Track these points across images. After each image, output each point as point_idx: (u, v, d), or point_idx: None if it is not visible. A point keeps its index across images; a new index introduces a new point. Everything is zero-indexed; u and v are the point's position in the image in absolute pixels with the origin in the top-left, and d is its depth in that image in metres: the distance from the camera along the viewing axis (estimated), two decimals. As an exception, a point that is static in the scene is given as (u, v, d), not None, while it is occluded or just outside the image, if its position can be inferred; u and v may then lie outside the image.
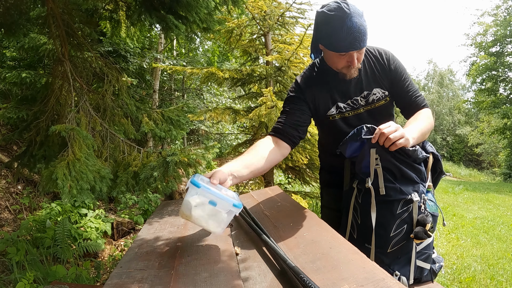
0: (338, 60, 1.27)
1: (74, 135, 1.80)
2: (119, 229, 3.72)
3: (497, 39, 14.11)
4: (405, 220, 1.18)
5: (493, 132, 15.22)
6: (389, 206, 1.18)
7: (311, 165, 3.46)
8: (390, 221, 1.18)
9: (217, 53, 8.17)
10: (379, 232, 1.19)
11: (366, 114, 1.39)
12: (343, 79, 1.35)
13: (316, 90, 1.38)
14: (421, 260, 1.24)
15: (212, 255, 1.08)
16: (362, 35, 1.18)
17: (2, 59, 4.88)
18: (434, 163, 1.31)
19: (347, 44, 1.18)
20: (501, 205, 6.50)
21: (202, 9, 1.97)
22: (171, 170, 1.93)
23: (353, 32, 1.15)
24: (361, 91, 1.38)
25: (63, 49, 2.16)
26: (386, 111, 1.42)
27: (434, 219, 1.23)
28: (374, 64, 1.39)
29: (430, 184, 1.29)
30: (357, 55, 1.25)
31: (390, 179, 1.20)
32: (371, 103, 1.38)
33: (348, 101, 1.38)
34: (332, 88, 1.38)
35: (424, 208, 1.19)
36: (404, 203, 1.17)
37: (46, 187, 1.65)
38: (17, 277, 2.14)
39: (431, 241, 1.26)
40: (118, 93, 2.41)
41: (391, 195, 1.18)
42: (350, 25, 1.15)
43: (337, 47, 1.21)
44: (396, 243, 1.19)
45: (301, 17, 3.60)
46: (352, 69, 1.29)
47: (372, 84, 1.38)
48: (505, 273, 2.89)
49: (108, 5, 2.49)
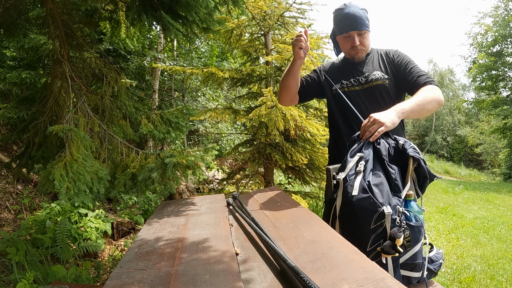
0: (345, 42, 1.64)
1: (72, 136, 1.79)
2: (119, 229, 3.72)
3: (496, 40, 14.11)
4: (380, 235, 1.14)
5: (493, 132, 15.22)
6: (361, 222, 1.15)
7: (311, 165, 3.46)
8: (365, 236, 1.15)
9: (215, 53, 8.16)
10: (357, 245, 1.11)
11: (365, 92, 1.61)
12: (352, 64, 1.67)
13: (329, 71, 1.75)
14: (408, 270, 1.19)
15: (212, 255, 1.08)
16: (358, 19, 1.55)
17: (2, 59, 4.88)
18: (417, 167, 1.26)
19: (347, 25, 1.57)
20: (501, 205, 6.50)
21: (201, 9, 1.97)
22: (169, 172, 1.92)
23: (349, 16, 1.56)
24: (363, 73, 1.64)
25: (62, 50, 2.16)
26: (383, 92, 1.59)
27: (417, 229, 1.17)
28: (382, 58, 1.67)
29: (410, 193, 1.22)
30: (359, 38, 1.59)
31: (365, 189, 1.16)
32: (370, 81, 1.61)
33: (351, 79, 1.65)
34: (342, 70, 1.71)
35: (400, 221, 1.14)
36: (378, 217, 1.13)
37: (44, 188, 1.64)
38: (17, 277, 2.14)
39: (418, 250, 1.20)
40: (117, 94, 2.40)
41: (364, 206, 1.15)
42: (347, 11, 1.56)
43: (341, 30, 1.61)
44: (374, 258, 1.14)
45: (301, 17, 3.60)
46: (356, 50, 1.62)
47: (376, 68, 1.64)
48: (505, 273, 2.89)
49: (108, 6, 2.49)
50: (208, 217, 1.59)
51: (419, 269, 1.21)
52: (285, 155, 3.21)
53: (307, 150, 3.29)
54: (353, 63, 1.67)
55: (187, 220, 1.56)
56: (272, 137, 3.03)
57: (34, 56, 4.32)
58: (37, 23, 2.44)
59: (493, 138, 17.86)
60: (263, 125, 3.06)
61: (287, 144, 3.16)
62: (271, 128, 2.81)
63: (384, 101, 1.58)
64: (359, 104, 1.56)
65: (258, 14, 3.42)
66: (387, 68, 1.62)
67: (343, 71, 1.69)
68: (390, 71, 1.62)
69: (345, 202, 1.20)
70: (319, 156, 3.32)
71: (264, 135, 3.17)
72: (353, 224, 1.19)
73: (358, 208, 1.15)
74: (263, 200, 1.78)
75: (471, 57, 16.12)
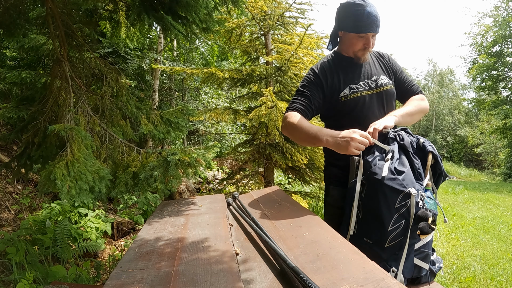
0: (356, 42, 1.50)
1: (73, 135, 1.78)
2: (119, 229, 3.72)
3: (496, 40, 14.11)
4: (403, 214, 1.21)
5: (493, 132, 15.23)
6: (388, 200, 1.22)
7: (311, 165, 3.46)
8: (389, 214, 1.21)
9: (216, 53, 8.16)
10: (377, 226, 1.23)
11: (375, 96, 1.54)
12: (355, 65, 1.56)
13: (331, 75, 1.55)
14: (419, 259, 1.26)
15: (212, 255, 1.08)
16: (378, 21, 1.45)
17: (2, 59, 4.88)
18: (434, 164, 1.35)
19: (367, 25, 1.43)
20: (501, 205, 6.50)
21: (201, 9, 1.96)
22: (171, 169, 1.91)
23: (371, 16, 1.42)
24: (371, 76, 1.56)
25: (62, 50, 2.16)
26: (390, 97, 1.58)
27: (434, 217, 1.25)
28: (378, 59, 1.64)
29: (429, 183, 1.33)
30: (372, 40, 1.48)
31: (393, 172, 1.25)
32: (380, 86, 1.55)
33: (361, 83, 1.54)
34: (345, 72, 1.56)
35: (422, 204, 1.23)
36: (403, 197, 1.21)
37: (45, 187, 1.63)
38: (17, 277, 2.13)
39: (429, 239, 1.29)
40: (117, 95, 2.39)
41: (392, 186, 1.22)
42: (370, 10, 1.42)
43: (359, 28, 1.45)
44: (394, 238, 1.21)
45: (301, 17, 3.60)
46: (367, 53, 1.53)
47: (380, 71, 1.59)
48: (505, 273, 2.89)
49: (108, 6, 2.48)
50: (208, 217, 1.58)
51: (428, 260, 1.29)
52: (285, 155, 3.21)
53: (307, 150, 3.29)
54: (356, 64, 1.56)
55: (187, 220, 1.56)
56: (272, 137, 3.03)
57: (34, 56, 4.32)
58: (37, 23, 2.44)
59: (493, 138, 17.87)
60: (263, 125, 3.07)
61: (287, 144, 3.16)
62: (271, 128, 2.81)
63: (389, 106, 1.57)
64: (370, 109, 1.52)
65: (258, 14, 3.42)
66: (388, 73, 1.62)
67: (348, 72, 1.55)
68: (389, 76, 1.61)
69: (372, 182, 1.26)
70: (319, 156, 3.32)
71: (264, 135, 3.17)
72: (377, 204, 1.24)
73: (386, 187, 1.22)
74: (263, 200, 1.78)
75: (471, 57, 16.12)
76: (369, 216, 1.27)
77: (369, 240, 1.25)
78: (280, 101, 2.93)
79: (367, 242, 1.25)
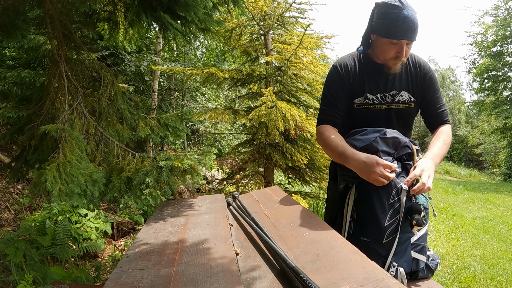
0: (388, 48, 1.36)
1: (66, 136, 1.71)
2: (119, 229, 3.71)
3: (497, 40, 14.10)
4: (398, 209, 1.24)
5: (493, 132, 15.23)
6: (382, 197, 1.25)
7: (311, 165, 3.46)
8: (384, 211, 1.24)
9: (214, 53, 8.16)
10: (374, 223, 1.26)
11: (388, 112, 1.47)
12: (382, 73, 1.44)
13: (354, 76, 1.47)
14: (416, 252, 1.29)
15: (212, 255, 1.08)
16: (415, 27, 1.31)
17: (2, 59, 4.88)
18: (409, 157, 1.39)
19: (402, 32, 1.30)
20: (501, 205, 6.50)
21: (200, 9, 1.95)
22: (164, 175, 1.83)
23: (407, 22, 1.28)
24: (391, 89, 1.46)
25: (60, 51, 2.15)
26: (406, 116, 1.50)
27: (426, 211, 1.29)
28: (411, 71, 1.48)
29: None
30: (406, 49, 1.34)
31: None
32: (396, 103, 1.46)
33: (378, 95, 1.45)
34: (368, 79, 1.46)
35: (415, 199, 1.26)
36: (396, 192, 1.25)
37: (36, 189, 1.57)
38: (16, 278, 2.13)
39: (424, 232, 1.33)
40: (114, 98, 2.36)
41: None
42: (406, 14, 1.28)
43: (392, 34, 1.32)
44: (391, 233, 1.24)
45: (301, 17, 3.60)
46: (399, 62, 1.39)
47: (403, 87, 1.47)
48: (505, 273, 2.89)
49: (107, 7, 2.48)
50: (208, 217, 1.58)
51: (425, 253, 1.32)
52: (285, 155, 3.21)
53: (307, 150, 3.29)
54: (382, 72, 1.44)
55: (187, 220, 1.56)
56: (272, 137, 3.02)
57: (34, 56, 4.32)
58: (35, 24, 2.43)
59: (493, 138, 17.86)
60: (263, 125, 3.06)
61: (287, 144, 3.16)
62: (271, 128, 2.81)
63: (401, 123, 1.51)
64: (379, 123, 1.45)
65: (258, 14, 3.42)
66: (414, 88, 1.47)
67: (371, 80, 1.46)
68: (417, 91, 1.48)
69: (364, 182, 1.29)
70: (319, 156, 3.32)
71: (264, 135, 3.17)
72: (371, 202, 1.26)
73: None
74: (263, 200, 1.77)
75: (471, 57, 16.12)
76: (364, 216, 1.29)
77: (366, 238, 1.27)
78: (280, 101, 2.93)
79: (364, 240, 1.27)
